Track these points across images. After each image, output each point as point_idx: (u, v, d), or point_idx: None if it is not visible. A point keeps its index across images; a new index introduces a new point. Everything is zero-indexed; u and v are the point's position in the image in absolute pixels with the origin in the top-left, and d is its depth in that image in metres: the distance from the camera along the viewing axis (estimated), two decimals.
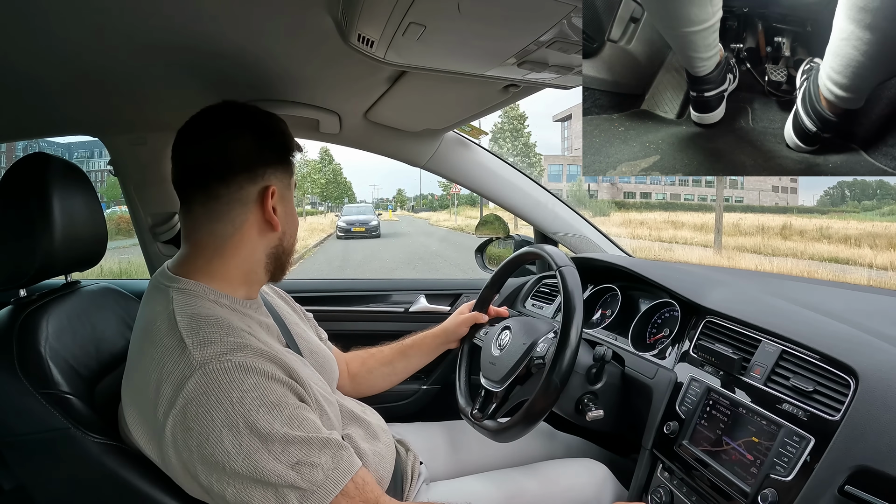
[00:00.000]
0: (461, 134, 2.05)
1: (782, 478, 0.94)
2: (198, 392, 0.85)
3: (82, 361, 1.09)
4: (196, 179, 1.02)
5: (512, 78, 1.27)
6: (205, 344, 0.90)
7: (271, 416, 0.87)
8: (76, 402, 0.99)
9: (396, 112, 1.71)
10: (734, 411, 1.10)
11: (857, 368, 0.93)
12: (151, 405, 0.89)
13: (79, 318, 1.16)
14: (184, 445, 0.86)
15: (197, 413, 0.85)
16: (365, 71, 1.34)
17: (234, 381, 0.86)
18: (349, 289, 2.37)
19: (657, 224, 27.62)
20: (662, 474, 1.25)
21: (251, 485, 0.85)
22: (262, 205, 1.03)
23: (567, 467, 1.41)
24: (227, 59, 1.26)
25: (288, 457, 0.86)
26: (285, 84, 1.46)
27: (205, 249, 1.04)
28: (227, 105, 1.07)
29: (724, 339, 1.23)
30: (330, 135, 1.89)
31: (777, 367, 1.08)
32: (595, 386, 1.33)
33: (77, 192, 1.20)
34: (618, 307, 1.65)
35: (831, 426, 0.91)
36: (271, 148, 1.06)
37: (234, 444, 0.84)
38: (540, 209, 2.18)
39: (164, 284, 1.02)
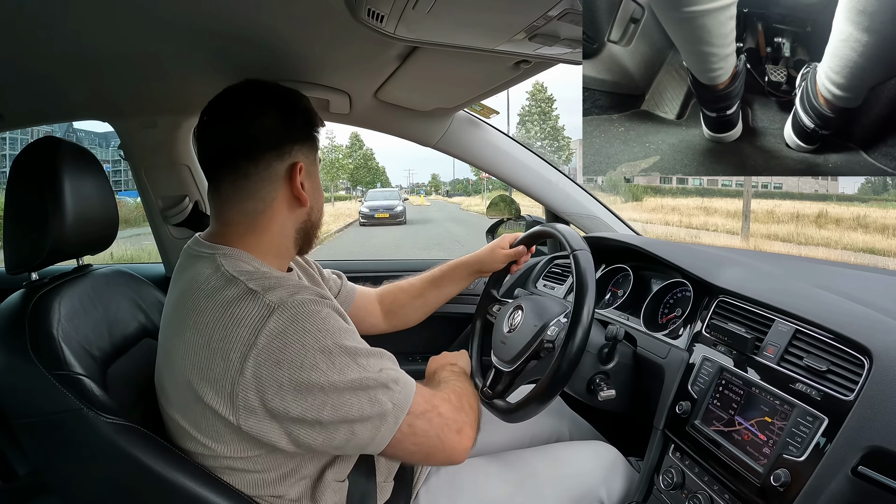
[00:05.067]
0: (472, 113, 2.03)
1: (795, 458, 0.93)
2: (282, 326, 0.90)
3: (95, 343, 1.10)
4: (224, 159, 1.04)
5: (523, 53, 1.26)
6: (273, 288, 0.94)
7: (351, 336, 0.96)
8: (89, 383, 1.00)
9: (406, 91, 1.69)
10: (747, 391, 1.09)
11: (872, 348, 0.92)
12: (220, 356, 0.90)
13: (91, 301, 1.17)
14: (271, 382, 0.88)
15: (285, 345, 0.89)
16: (374, 48, 1.33)
17: (312, 312, 0.93)
18: (358, 270, 2.37)
19: (689, 210, 26.76)
20: (674, 454, 1.25)
21: (348, 394, 0.92)
22: (290, 181, 1.06)
23: (577, 450, 1.41)
24: (236, 39, 1.26)
25: (373, 365, 0.96)
26: (295, 64, 1.46)
27: (237, 226, 1.06)
28: (251, 84, 1.09)
29: (736, 319, 1.21)
30: (340, 115, 1.88)
31: (790, 347, 1.06)
32: (607, 366, 1.33)
33: (88, 175, 1.21)
34: (630, 287, 1.64)
35: (845, 406, 0.90)
36: (297, 124, 1.08)
37: (327, 364, 0.90)
38: (551, 189, 2.17)
39: (206, 252, 1.04)
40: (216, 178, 1.06)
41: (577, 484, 1.28)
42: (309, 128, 1.10)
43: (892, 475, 0.78)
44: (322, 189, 1.18)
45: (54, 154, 1.13)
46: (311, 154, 1.10)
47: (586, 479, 1.30)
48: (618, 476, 1.34)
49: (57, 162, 1.13)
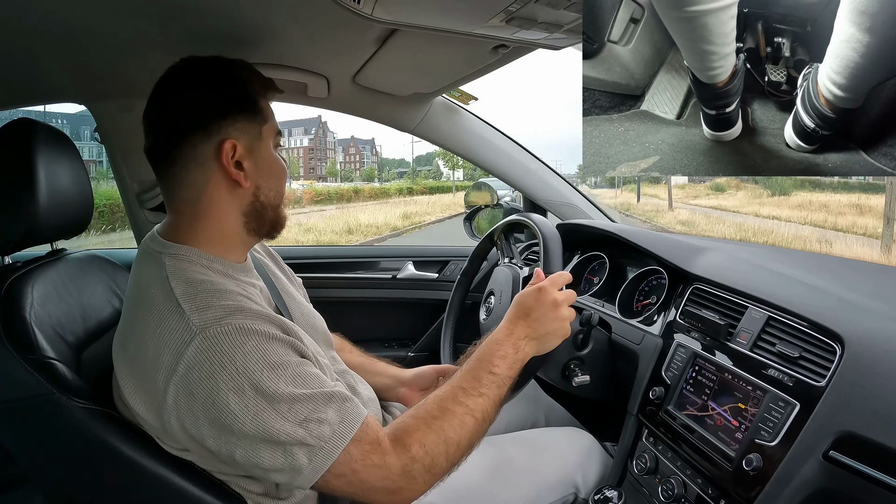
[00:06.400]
0: (450, 99, 2.02)
1: (767, 443, 0.94)
2: (199, 357, 0.84)
3: (68, 328, 1.08)
4: (153, 147, 1.00)
5: (501, 37, 1.25)
6: (202, 309, 0.88)
7: (276, 376, 0.86)
8: (61, 368, 0.98)
9: (385, 75, 1.68)
10: (720, 377, 1.10)
11: (844, 335, 0.93)
12: (150, 373, 0.88)
13: (65, 285, 1.15)
14: (188, 411, 0.85)
15: (200, 378, 0.84)
16: (352, 30, 1.30)
17: (235, 343, 0.85)
18: (336, 255, 2.36)
19: (840, 207, 22.49)
20: (648, 440, 1.26)
21: (260, 444, 0.85)
22: (221, 162, 0.98)
23: (553, 436, 1.41)
24: (211, 20, 1.23)
25: (295, 415, 0.85)
26: (271, 46, 1.43)
27: (182, 216, 1.01)
28: (183, 62, 1.02)
29: (710, 306, 1.22)
30: (318, 99, 1.86)
31: (763, 333, 1.08)
32: (582, 352, 1.33)
33: (63, 158, 1.18)
34: (605, 274, 1.65)
35: (816, 392, 0.91)
36: (226, 98, 0.99)
37: (240, 406, 0.84)
38: (529, 176, 2.17)
39: (156, 250, 0.99)
40: (154, 167, 1.01)
41: (553, 470, 1.28)
42: (247, 101, 1.01)
43: (863, 460, 0.79)
44: (280, 165, 1.07)
45: (28, 136, 1.10)
46: (251, 128, 1.01)
47: (562, 464, 1.30)
48: (593, 462, 1.35)
49: (31, 144, 1.10)
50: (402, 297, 2.30)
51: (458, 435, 0.95)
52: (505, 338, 1.08)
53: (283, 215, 1.09)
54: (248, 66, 1.05)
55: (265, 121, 1.03)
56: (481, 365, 1.04)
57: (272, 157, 1.05)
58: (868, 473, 0.78)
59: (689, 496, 1.11)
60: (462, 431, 0.96)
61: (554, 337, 1.11)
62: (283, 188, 1.08)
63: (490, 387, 1.02)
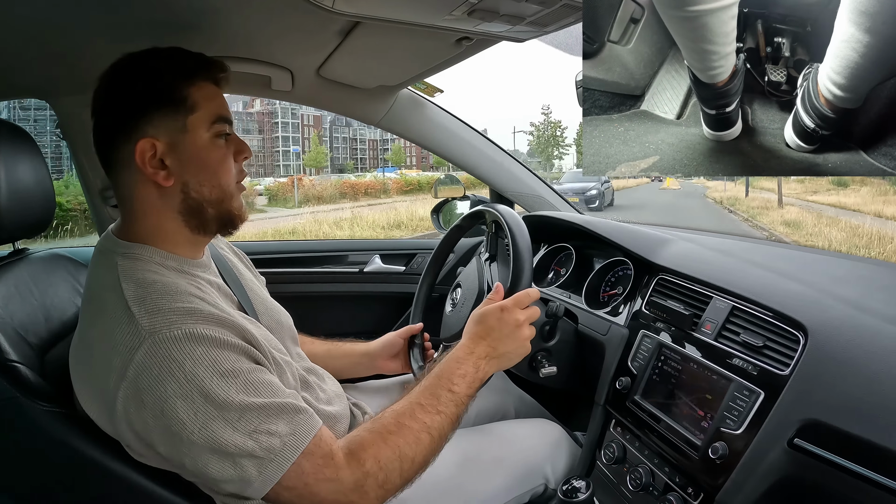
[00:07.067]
0: (416, 92, 2.01)
1: (732, 431, 0.96)
2: (148, 362, 0.82)
3: (31, 329, 1.06)
4: (95, 148, 0.99)
5: (464, 29, 1.24)
6: (153, 313, 0.85)
7: (226, 384, 0.84)
8: (24, 371, 0.96)
9: (349, 68, 1.66)
10: (685, 366, 1.11)
11: (807, 324, 0.94)
12: (102, 378, 0.85)
13: (27, 286, 1.13)
14: (137, 417, 0.83)
15: (149, 384, 0.81)
16: (314, 23, 1.29)
17: (184, 350, 0.83)
18: (302, 249, 2.33)
19: None
20: (615, 430, 1.27)
21: (208, 454, 0.83)
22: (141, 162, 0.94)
23: (522, 427, 1.41)
24: (171, 11, 1.19)
25: (244, 425, 0.83)
26: (233, 39, 1.40)
27: (127, 215, 0.99)
28: (118, 59, 0.98)
29: (675, 296, 1.24)
30: (282, 92, 1.82)
31: (728, 323, 1.09)
32: (548, 343, 1.34)
33: (23, 156, 1.15)
34: (572, 266, 1.65)
35: (781, 380, 0.93)
36: (139, 94, 0.94)
37: (188, 414, 0.81)
38: (496, 168, 2.17)
39: (109, 250, 0.96)
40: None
41: (522, 461, 1.28)
42: (161, 93, 0.95)
43: (827, 447, 0.81)
44: (217, 156, 0.99)
45: None
46: (172, 123, 0.95)
47: (531, 456, 1.30)
48: (562, 452, 1.35)
49: None
50: (369, 291, 2.28)
51: (413, 451, 0.95)
52: (465, 356, 1.07)
53: (232, 210, 1.03)
54: (169, 53, 0.99)
55: (191, 110, 0.96)
56: (440, 382, 1.04)
57: (203, 150, 0.98)
58: (832, 460, 0.79)
59: (657, 485, 1.12)
60: (417, 448, 0.95)
61: (514, 356, 1.12)
62: (223, 181, 1.00)
63: (448, 405, 1.01)
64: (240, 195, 1.05)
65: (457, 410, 1.03)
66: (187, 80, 0.97)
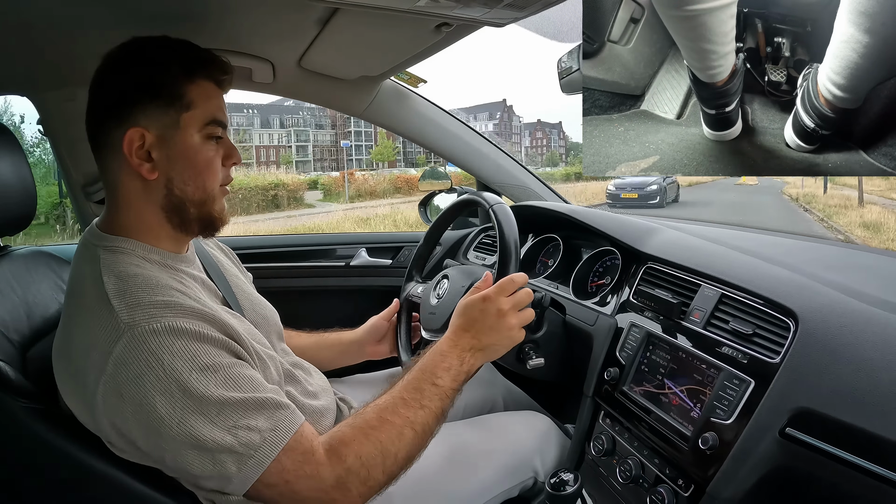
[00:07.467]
0: (400, 83, 1.99)
1: (722, 421, 0.94)
2: (127, 357, 0.80)
3: (12, 327, 1.05)
4: (86, 130, 0.97)
5: (442, 14, 1.21)
6: (132, 306, 0.84)
7: (205, 379, 0.82)
8: (5, 368, 0.94)
9: (330, 58, 1.63)
10: (674, 356, 1.10)
11: (798, 311, 0.93)
12: (82, 372, 0.84)
13: (8, 283, 1.12)
14: (117, 412, 0.82)
15: (128, 379, 0.80)
16: (293, 12, 1.27)
17: (163, 344, 0.81)
18: (288, 244, 2.30)
19: None
20: (604, 421, 1.25)
21: (188, 450, 0.81)
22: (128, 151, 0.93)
23: (511, 420, 1.40)
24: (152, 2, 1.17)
25: (223, 420, 0.82)
26: (213, 29, 1.38)
27: (111, 205, 0.98)
28: (126, 43, 0.97)
29: (663, 285, 1.22)
30: (264, 84, 1.80)
31: (716, 311, 1.07)
32: (536, 334, 1.32)
33: (3, 151, 1.14)
34: (560, 256, 1.64)
35: (771, 369, 0.91)
36: (138, 83, 0.93)
37: (167, 409, 0.80)
38: (481, 159, 2.15)
39: (92, 243, 0.95)
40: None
41: (511, 454, 1.27)
42: (160, 86, 0.93)
43: (819, 436, 0.80)
44: (205, 157, 0.97)
45: None
46: (163, 116, 0.93)
47: (520, 449, 1.29)
48: (552, 445, 1.34)
49: None
50: (355, 285, 2.26)
51: (395, 447, 0.93)
52: (449, 349, 1.05)
53: (213, 213, 1.01)
54: (176, 45, 0.98)
55: (187, 108, 0.95)
56: (424, 376, 1.02)
57: (192, 149, 0.96)
58: (824, 449, 0.78)
59: (648, 476, 1.10)
60: (400, 443, 0.93)
61: (500, 347, 1.09)
62: (208, 183, 0.99)
63: (432, 399, 0.99)
64: (223, 198, 1.03)
65: (441, 405, 1.01)
66: (188, 76, 0.96)
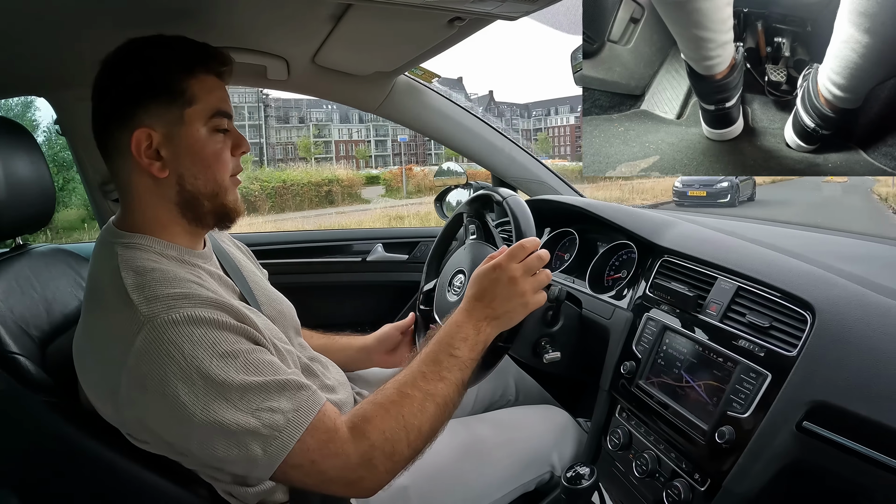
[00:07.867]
0: (413, 78, 1.98)
1: (739, 415, 0.93)
2: (147, 348, 0.81)
3: (32, 323, 1.07)
4: (94, 136, 0.98)
5: (454, 8, 1.21)
6: (151, 299, 0.85)
7: (225, 365, 0.83)
8: (24, 363, 0.97)
9: (343, 54, 1.64)
10: (690, 349, 1.09)
11: (815, 303, 0.92)
12: (104, 367, 0.85)
13: (28, 280, 1.14)
14: (141, 404, 0.83)
15: (150, 370, 0.81)
16: (305, 7, 1.28)
17: (183, 333, 0.82)
18: (304, 240, 2.32)
19: None
20: (621, 415, 1.25)
21: (213, 436, 0.82)
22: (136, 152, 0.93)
23: (527, 414, 1.40)
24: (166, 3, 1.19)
25: (246, 404, 0.83)
26: (227, 28, 1.39)
27: (126, 204, 0.99)
28: (122, 45, 0.97)
29: (679, 278, 1.21)
30: (279, 81, 1.82)
31: (733, 304, 1.06)
32: (552, 328, 1.32)
33: (21, 151, 1.16)
34: (576, 250, 1.63)
35: (788, 362, 0.90)
36: (137, 82, 0.93)
37: (190, 396, 0.81)
38: (496, 154, 2.14)
39: (109, 241, 0.96)
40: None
41: (528, 448, 1.27)
42: (159, 84, 0.93)
43: (836, 429, 0.79)
44: (213, 150, 0.98)
45: None
46: (168, 113, 0.94)
47: (537, 443, 1.29)
48: (569, 439, 1.34)
49: None
50: (372, 281, 2.27)
51: (418, 420, 0.93)
52: (464, 320, 1.05)
53: (228, 204, 1.02)
54: (172, 42, 0.98)
55: (189, 103, 0.95)
56: (441, 348, 1.01)
57: (199, 143, 0.97)
58: (841, 443, 0.77)
59: (664, 471, 1.10)
60: (423, 417, 0.93)
61: (515, 314, 1.08)
62: (218, 175, 0.99)
63: (452, 370, 0.99)
64: (235, 189, 1.04)
65: (461, 375, 1.01)
66: (187, 71, 0.96)
